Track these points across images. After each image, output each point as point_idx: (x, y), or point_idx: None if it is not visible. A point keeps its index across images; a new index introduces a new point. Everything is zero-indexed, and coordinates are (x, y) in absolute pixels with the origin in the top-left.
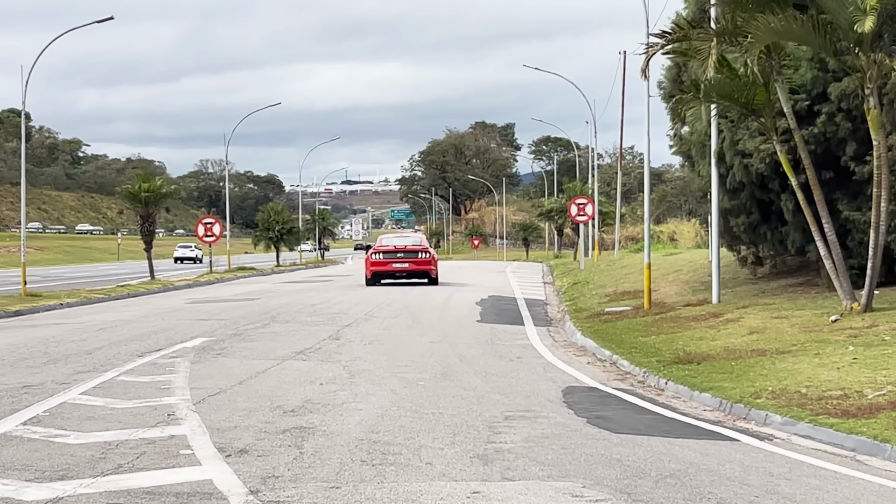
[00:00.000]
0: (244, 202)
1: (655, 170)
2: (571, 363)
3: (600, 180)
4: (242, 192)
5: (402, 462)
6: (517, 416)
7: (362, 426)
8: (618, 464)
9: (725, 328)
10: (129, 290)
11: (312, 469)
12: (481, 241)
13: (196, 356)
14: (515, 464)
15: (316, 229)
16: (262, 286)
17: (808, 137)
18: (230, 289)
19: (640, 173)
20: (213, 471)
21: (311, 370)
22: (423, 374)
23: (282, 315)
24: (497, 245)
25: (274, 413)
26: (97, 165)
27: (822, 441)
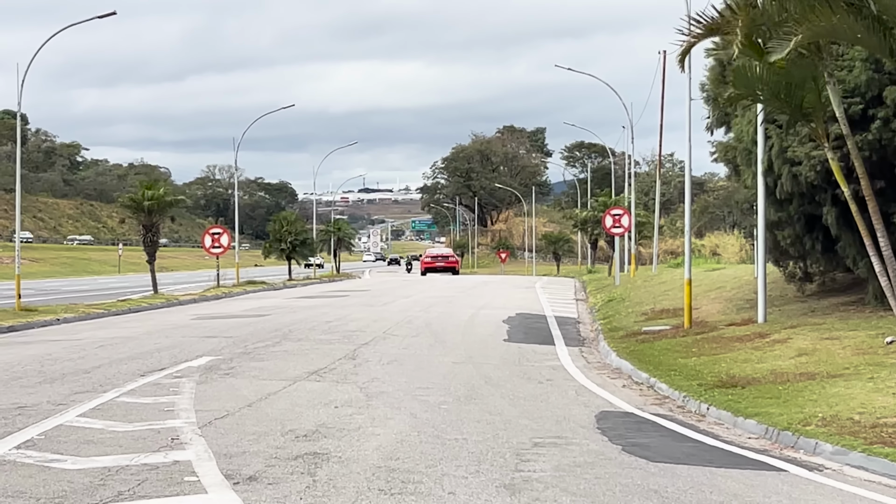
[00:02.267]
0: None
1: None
2: (605, 386)
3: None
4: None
5: (422, 491)
6: (547, 443)
7: (380, 452)
8: (655, 495)
9: (772, 349)
10: (130, 304)
11: (326, 498)
12: (509, 255)
13: (202, 376)
14: (545, 494)
15: (332, 240)
16: (273, 301)
17: (861, 144)
18: (239, 304)
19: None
20: (220, 499)
21: (326, 392)
22: (445, 396)
23: (294, 332)
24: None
25: (285, 438)
26: (97, 171)
27: (876, 472)
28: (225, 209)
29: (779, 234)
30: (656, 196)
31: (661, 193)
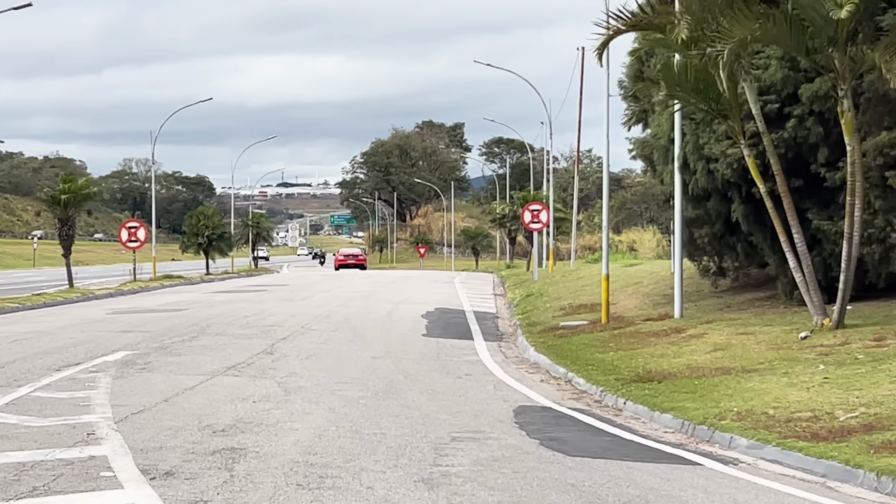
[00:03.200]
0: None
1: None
2: (524, 381)
3: (556, 185)
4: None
5: (340, 486)
6: (465, 438)
7: (298, 447)
8: (573, 489)
9: (688, 344)
10: (45, 298)
11: (244, 493)
12: (427, 250)
13: (118, 371)
14: (463, 488)
15: (250, 235)
16: (191, 296)
17: (777, 142)
18: (156, 298)
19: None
20: (136, 494)
21: (244, 387)
22: (364, 391)
23: (212, 327)
24: (444, 254)
25: (203, 433)
26: (12, 164)
27: (790, 466)
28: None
29: (695, 231)
30: (574, 192)
31: (579, 189)
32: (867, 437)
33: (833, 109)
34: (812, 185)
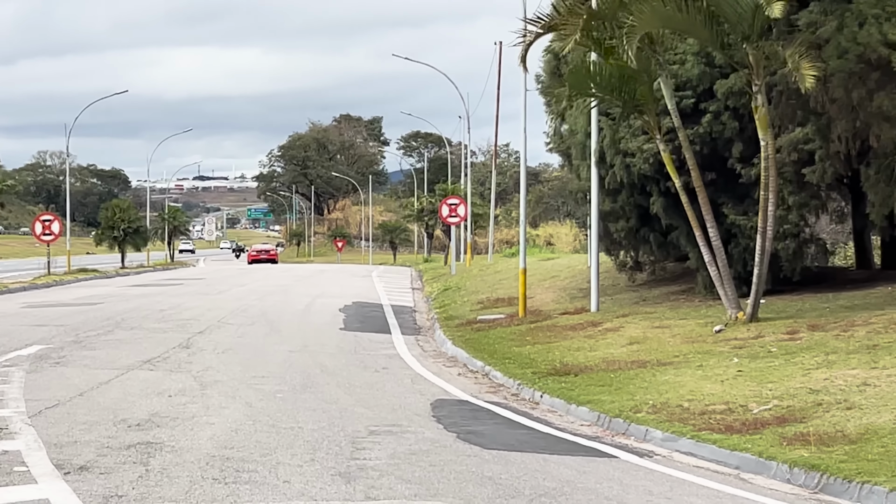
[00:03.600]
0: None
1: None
2: (441, 374)
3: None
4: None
5: (257, 480)
6: (382, 431)
7: (214, 441)
8: (490, 482)
9: (604, 338)
10: None
11: (160, 487)
12: (345, 244)
13: (32, 365)
14: (380, 482)
15: (165, 229)
16: (106, 290)
17: (693, 137)
18: (70, 292)
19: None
20: (50, 489)
21: (159, 381)
22: (281, 385)
23: (127, 321)
24: (362, 247)
25: (118, 427)
26: None
27: (704, 458)
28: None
29: (611, 225)
30: (492, 186)
31: (496, 183)
32: (780, 430)
33: (748, 105)
34: (727, 180)
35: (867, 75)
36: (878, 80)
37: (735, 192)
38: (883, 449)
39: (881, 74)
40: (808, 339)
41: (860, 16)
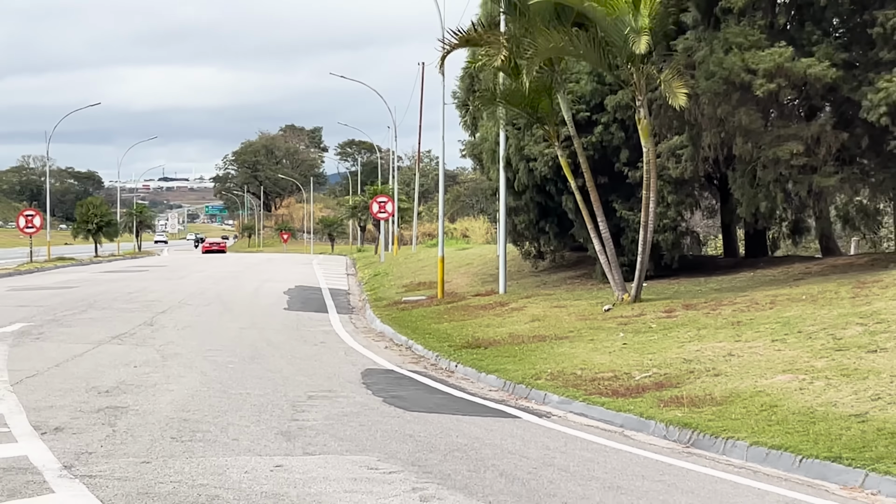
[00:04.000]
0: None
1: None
2: (370, 347)
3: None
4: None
5: (209, 439)
6: (319, 396)
7: (173, 405)
8: (410, 439)
9: (510, 316)
10: None
11: (124, 445)
12: (290, 236)
13: (15, 340)
14: (316, 440)
15: (134, 223)
16: (81, 275)
17: (586, 144)
18: (49, 278)
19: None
20: (28, 447)
21: (126, 354)
22: (232, 357)
23: (99, 302)
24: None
25: (89, 393)
26: None
27: (594, 418)
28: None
29: (517, 220)
30: (415, 186)
31: (419, 184)
32: (658, 394)
33: (633, 117)
34: (616, 181)
35: (730, 95)
36: (738, 99)
37: (623, 191)
38: (744, 410)
39: (741, 95)
40: (683, 317)
41: (726, 43)
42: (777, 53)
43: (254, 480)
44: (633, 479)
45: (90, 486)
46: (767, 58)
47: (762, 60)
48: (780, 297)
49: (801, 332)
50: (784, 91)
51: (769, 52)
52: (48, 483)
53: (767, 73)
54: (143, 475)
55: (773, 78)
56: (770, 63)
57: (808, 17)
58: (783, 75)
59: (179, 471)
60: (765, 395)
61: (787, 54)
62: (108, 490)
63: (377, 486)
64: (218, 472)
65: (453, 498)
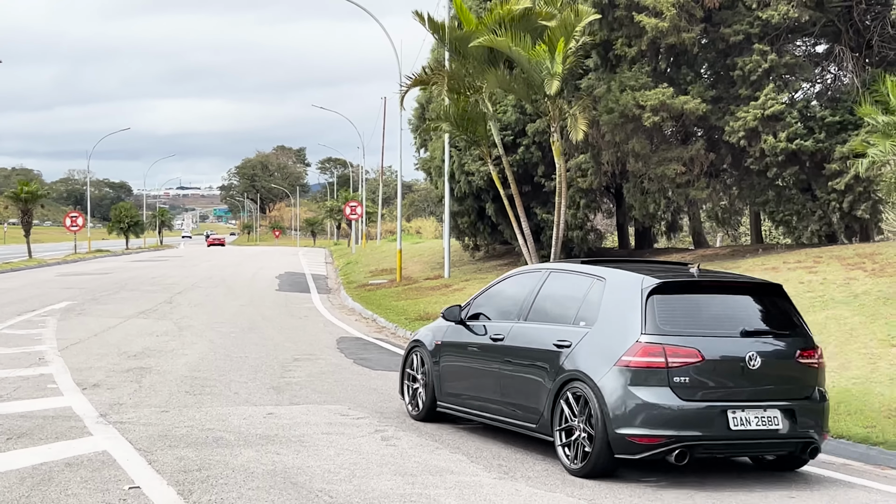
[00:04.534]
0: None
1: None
2: (344, 320)
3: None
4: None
5: (216, 392)
6: (303, 359)
7: (187, 366)
8: (374, 392)
9: (453, 294)
10: (12, 266)
11: (148, 398)
12: (281, 233)
13: (62, 315)
14: (300, 393)
15: (157, 222)
16: (114, 264)
17: (512, 162)
18: (89, 266)
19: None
20: (72, 400)
21: (150, 326)
22: (234, 328)
23: (129, 285)
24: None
25: (120, 357)
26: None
27: None
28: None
29: (459, 220)
30: (379, 194)
31: (382, 192)
32: None
33: (548, 140)
34: (537, 190)
35: (625, 125)
36: (631, 129)
37: (542, 198)
38: None
39: (633, 125)
40: None
41: (621, 84)
42: (661, 92)
43: (250, 425)
44: None
45: (121, 430)
46: (653, 96)
47: (649, 98)
48: None
49: None
50: (666, 122)
51: (654, 92)
52: (87, 428)
53: (654, 108)
54: (163, 421)
55: (658, 111)
56: (655, 100)
57: (684, 63)
58: (665, 109)
59: (192, 418)
60: None
61: (668, 93)
62: (135, 433)
63: (348, 429)
64: (222, 419)
65: (407, 437)
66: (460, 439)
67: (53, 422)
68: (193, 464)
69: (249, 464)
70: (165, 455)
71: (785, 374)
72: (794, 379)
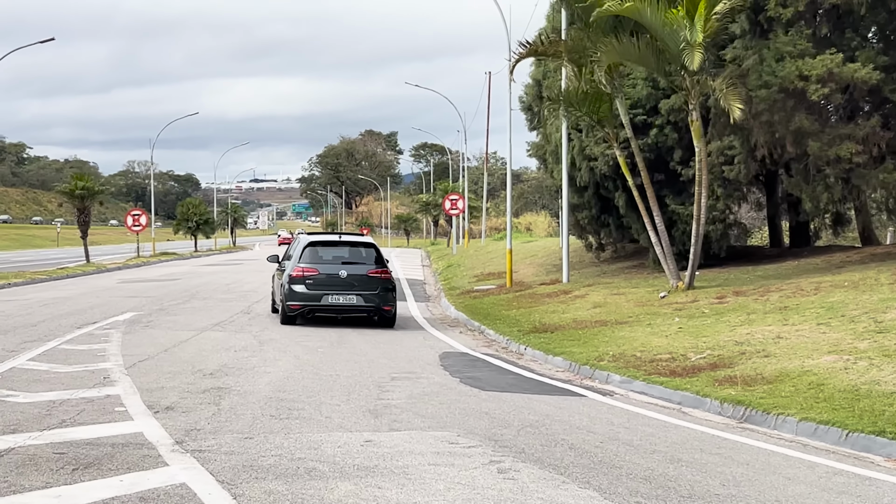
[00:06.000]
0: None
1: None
2: (446, 332)
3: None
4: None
5: (305, 416)
6: (402, 377)
7: (271, 386)
8: (486, 416)
9: (573, 303)
10: (68, 271)
11: (229, 423)
12: (369, 231)
13: (127, 328)
14: (401, 417)
15: (229, 220)
16: (183, 268)
17: (643, 145)
18: (155, 271)
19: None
20: (143, 425)
21: (227, 339)
22: (321, 342)
23: (200, 293)
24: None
25: (195, 376)
26: (39, 165)
27: (654, 396)
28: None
29: (578, 214)
30: (484, 185)
31: (487, 183)
32: (713, 374)
33: (685, 120)
34: (670, 178)
35: (785, 101)
36: (793, 105)
37: (676, 187)
38: (793, 388)
39: (796, 101)
40: (734, 303)
41: (777, 52)
42: (828, 60)
43: (346, 454)
44: (692, 452)
45: (200, 459)
46: (819, 64)
47: (814, 67)
48: (824, 283)
49: (845, 316)
50: (834, 95)
51: (819, 59)
52: (162, 457)
53: (820, 78)
54: (248, 450)
55: (826, 83)
56: (822, 69)
57: (849, 26)
58: (833, 80)
59: (279, 445)
60: (812, 374)
61: (836, 60)
62: (217, 463)
63: (458, 459)
64: (314, 447)
65: (528, 469)
66: (590, 472)
67: (124, 450)
68: (284, 498)
69: (347, 499)
70: (252, 488)
71: (361, 280)
72: (367, 282)
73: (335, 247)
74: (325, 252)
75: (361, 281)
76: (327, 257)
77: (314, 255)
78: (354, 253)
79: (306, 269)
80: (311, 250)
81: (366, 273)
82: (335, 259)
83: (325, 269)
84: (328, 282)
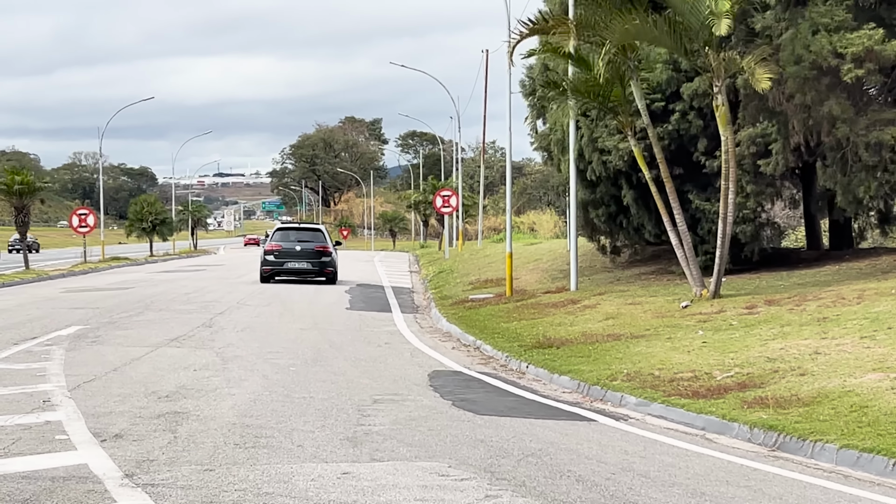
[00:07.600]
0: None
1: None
2: (437, 348)
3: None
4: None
5: (274, 445)
6: (385, 400)
7: (235, 411)
8: (482, 444)
9: (583, 314)
10: (3, 279)
11: (187, 452)
12: (350, 232)
13: (71, 344)
14: (384, 445)
15: (189, 220)
16: (136, 275)
17: (662, 134)
18: (104, 278)
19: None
20: (88, 455)
21: (185, 357)
22: (294, 359)
23: (155, 303)
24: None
25: (148, 399)
26: None
27: (674, 420)
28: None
29: (591, 213)
30: (480, 179)
31: (484, 177)
32: (741, 394)
33: (710, 105)
34: (693, 172)
35: (818, 80)
36: (827, 85)
37: (699, 181)
38: (833, 410)
39: (830, 80)
40: (765, 313)
41: (813, 24)
42: (865, 35)
43: (321, 488)
44: (716, 484)
45: (153, 494)
46: (857, 40)
47: (851, 43)
48: (869, 291)
49: (892, 329)
50: (872, 76)
51: (857, 35)
52: (110, 492)
53: (856, 56)
54: (207, 483)
55: (862, 62)
56: (859, 45)
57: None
58: (873, 59)
59: (244, 479)
60: (854, 395)
61: (877, 36)
62: (172, 499)
63: (449, 494)
64: (284, 480)
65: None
66: None
67: (65, 484)
68: None
69: None
70: None
71: (310, 253)
72: (314, 255)
73: (296, 231)
74: (289, 234)
75: (310, 253)
76: (290, 238)
77: (282, 236)
78: (307, 234)
79: (274, 245)
80: (280, 233)
81: (313, 248)
82: (294, 239)
83: (287, 245)
84: (289, 253)
